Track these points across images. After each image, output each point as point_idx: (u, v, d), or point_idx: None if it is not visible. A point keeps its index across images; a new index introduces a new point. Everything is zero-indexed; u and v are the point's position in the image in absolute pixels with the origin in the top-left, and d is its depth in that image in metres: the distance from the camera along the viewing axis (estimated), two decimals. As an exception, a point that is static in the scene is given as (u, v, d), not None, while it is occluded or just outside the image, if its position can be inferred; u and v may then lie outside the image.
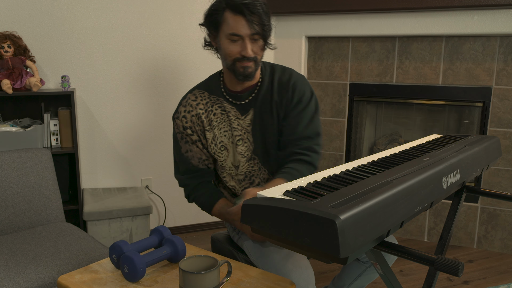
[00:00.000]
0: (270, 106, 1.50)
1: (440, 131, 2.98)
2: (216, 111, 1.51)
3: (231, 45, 1.39)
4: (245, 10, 1.33)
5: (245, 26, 1.35)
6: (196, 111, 1.51)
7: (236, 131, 1.50)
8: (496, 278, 2.41)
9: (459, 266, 0.80)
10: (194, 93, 1.55)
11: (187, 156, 1.54)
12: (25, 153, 2.04)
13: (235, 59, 1.40)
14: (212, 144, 1.52)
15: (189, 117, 1.52)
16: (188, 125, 1.52)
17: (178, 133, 1.55)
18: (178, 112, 1.54)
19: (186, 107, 1.53)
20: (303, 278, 1.37)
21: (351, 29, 2.81)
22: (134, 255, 1.19)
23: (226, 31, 1.38)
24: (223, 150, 1.52)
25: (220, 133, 1.51)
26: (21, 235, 1.88)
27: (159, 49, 2.74)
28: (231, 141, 1.52)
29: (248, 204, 0.87)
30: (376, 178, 0.95)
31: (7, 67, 2.26)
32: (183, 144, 1.54)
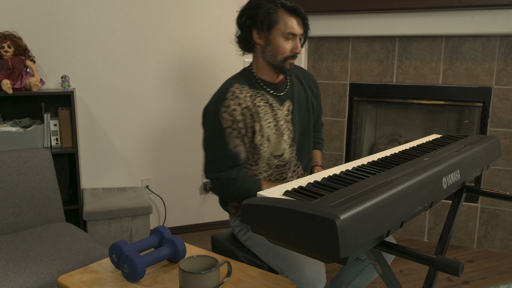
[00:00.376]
0: (306, 97, 1.69)
1: (440, 131, 2.98)
2: (259, 103, 1.55)
3: (285, 43, 1.51)
4: (299, 11, 1.51)
5: (299, 26, 1.52)
6: (245, 103, 1.52)
7: (280, 121, 1.58)
8: (496, 278, 2.41)
9: (459, 266, 0.80)
10: (235, 86, 1.54)
11: (236, 151, 1.51)
12: (25, 153, 2.04)
13: (287, 57, 1.52)
14: (259, 135, 1.55)
15: (240, 110, 1.50)
16: (239, 118, 1.50)
17: (227, 128, 1.49)
18: (226, 106, 1.49)
19: (234, 100, 1.50)
20: (315, 270, 1.40)
21: (351, 29, 2.81)
22: (134, 255, 1.19)
23: (283, 30, 1.50)
24: (267, 141, 1.57)
25: (265, 124, 1.55)
26: (21, 235, 1.88)
27: (159, 49, 2.74)
28: (274, 132, 1.57)
29: (248, 204, 0.87)
30: (376, 178, 0.95)
31: (7, 67, 2.26)
32: (232, 140, 1.51)
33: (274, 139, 1.57)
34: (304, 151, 1.68)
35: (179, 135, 2.89)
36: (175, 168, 2.91)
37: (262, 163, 1.60)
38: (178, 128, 2.88)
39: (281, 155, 1.59)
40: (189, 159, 2.94)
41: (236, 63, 2.96)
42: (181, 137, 2.90)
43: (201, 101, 2.91)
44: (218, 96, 1.53)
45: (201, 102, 2.91)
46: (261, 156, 1.57)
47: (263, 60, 1.56)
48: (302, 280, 1.38)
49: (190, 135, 2.92)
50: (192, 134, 2.92)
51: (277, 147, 1.58)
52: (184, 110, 2.87)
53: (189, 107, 2.88)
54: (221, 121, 1.49)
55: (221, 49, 2.90)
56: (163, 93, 2.80)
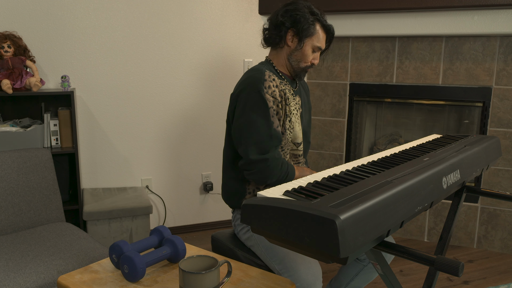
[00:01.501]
0: (307, 98, 1.82)
1: (440, 131, 2.98)
2: (286, 91, 1.62)
3: (312, 54, 1.64)
4: (331, 31, 1.65)
5: (324, 42, 1.66)
6: (280, 87, 1.59)
7: (299, 110, 1.68)
8: (496, 278, 2.41)
9: (459, 266, 0.80)
10: (267, 72, 1.58)
11: (279, 131, 1.55)
12: (25, 153, 2.04)
13: (308, 66, 1.65)
14: (287, 120, 1.61)
15: (278, 92, 1.57)
16: (279, 99, 1.56)
17: (271, 108, 1.52)
18: (267, 87, 1.53)
19: (272, 82, 1.56)
20: (312, 273, 1.40)
21: (351, 29, 2.81)
22: (134, 255, 1.19)
23: (315, 42, 1.62)
24: (292, 128, 1.63)
25: (291, 110, 1.63)
26: (21, 235, 1.88)
27: (159, 49, 2.74)
28: (296, 118, 1.65)
29: (248, 204, 0.87)
30: (376, 178, 0.96)
31: (7, 67, 2.26)
32: (275, 120, 1.54)
33: (297, 126, 1.65)
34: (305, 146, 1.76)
35: (179, 135, 2.89)
36: (175, 168, 2.92)
37: (287, 149, 1.65)
38: (178, 127, 2.88)
39: (300, 143, 1.67)
40: (189, 159, 2.94)
41: (236, 63, 2.96)
42: (181, 136, 2.90)
43: (201, 101, 2.91)
44: (254, 79, 1.54)
45: (200, 102, 2.91)
46: (288, 141, 1.63)
47: (287, 61, 1.66)
48: (298, 283, 1.38)
49: (191, 134, 2.92)
50: (192, 133, 2.92)
51: (298, 134, 1.65)
52: (184, 110, 2.87)
53: (189, 107, 2.88)
54: (266, 101, 1.51)
55: (221, 49, 2.90)
56: (163, 93, 2.80)
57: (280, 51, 1.66)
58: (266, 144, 1.50)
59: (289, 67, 1.67)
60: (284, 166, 1.54)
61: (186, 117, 2.89)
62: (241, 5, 2.90)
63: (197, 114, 2.91)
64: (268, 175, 1.50)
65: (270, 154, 1.50)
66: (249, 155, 1.49)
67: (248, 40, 2.96)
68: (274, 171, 1.50)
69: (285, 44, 1.63)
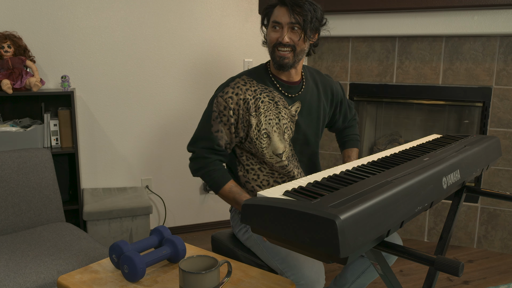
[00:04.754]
0: (318, 103, 1.69)
1: (440, 131, 2.98)
2: (264, 99, 1.58)
3: (272, 32, 1.54)
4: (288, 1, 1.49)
5: (285, 15, 1.50)
6: (244, 95, 1.56)
7: (283, 119, 1.60)
8: (496, 278, 2.41)
9: (459, 266, 0.80)
10: (243, 78, 1.60)
11: (216, 135, 1.56)
12: (25, 153, 2.04)
13: (274, 45, 1.53)
14: (256, 130, 1.58)
15: (236, 99, 1.55)
16: (232, 106, 1.55)
17: (215, 112, 1.56)
18: (224, 92, 1.56)
19: (234, 89, 1.56)
20: (315, 271, 1.40)
21: (351, 29, 2.81)
22: (134, 255, 1.19)
23: (270, 20, 1.55)
24: (266, 138, 1.59)
25: (265, 120, 1.58)
26: (21, 235, 1.88)
27: (159, 49, 2.74)
28: (275, 129, 1.59)
29: (248, 204, 0.87)
30: (376, 178, 0.95)
31: (7, 67, 2.26)
32: (216, 124, 1.56)
33: (275, 137, 1.59)
34: (305, 154, 1.69)
35: (179, 135, 2.89)
36: (175, 168, 2.91)
37: (264, 162, 1.62)
38: (178, 128, 2.88)
39: (281, 153, 1.61)
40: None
41: (236, 63, 2.96)
42: (181, 137, 2.90)
43: (201, 101, 2.91)
44: (224, 83, 1.61)
45: (200, 102, 2.91)
46: (261, 153, 1.59)
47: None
48: (302, 281, 1.38)
49: (190, 134, 2.92)
50: (192, 133, 2.92)
51: (278, 145, 1.60)
52: (184, 110, 2.87)
53: (189, 106, 2.88)
54: (213, 104, 1.57)
55: (221, 50, 2.90)
56: (163, 93, 2.80)
57: None
58: (199, 142, 1.59)
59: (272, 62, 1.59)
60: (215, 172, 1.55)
61: (186, 117, 2.89)
62: (241, 5, 2.90)
63: (197, 114, 2.91)
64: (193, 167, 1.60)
65: (199, 150, 1.58)
66: (187, 145, 1.62)
67: (248, 40, 2.96)
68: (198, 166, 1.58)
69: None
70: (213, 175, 1.55)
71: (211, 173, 1.56)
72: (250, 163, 1.64)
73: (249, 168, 1.64)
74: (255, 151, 1.60)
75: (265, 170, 1.64)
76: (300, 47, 1.54)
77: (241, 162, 1.65)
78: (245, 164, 1.64)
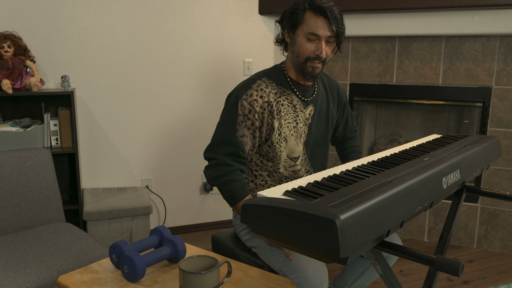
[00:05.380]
0: (327, 106, 1.69)
1: (440, 131, 2.98)
2: (283, 102, 1.55)
3: (307, 44, 1.49)
4: (327, 12, 1.45)
5: (324, 28, 1.46)
6: (268, 98, 1.52)
7: (300, 123, 1.59)
8: (496, 278, 2.41)
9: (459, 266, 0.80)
10: (263, 80, 1.55)
11: (242, 140, 1.49)
12: (25, 153, 2.04)
13: (308, 58, 1.50)
14: (277, 133, 1.55)
15: (261, 102, 1.51)
16: (258, 109, 1.50)
17: (240, 115, 1.50)
18: (249, 95, 1.50)
19: (258, 92, 1.51)
20: (319, 276, 1.39)
21: (351, 29, 2.81)
22: (134, 255, 1.19)
23: (305, 30, 1.48)
24: (283, 141, 1.57)
25: (285, 124, 1.55)
26: (21, 235, 1.88)
27: (159, 49, 2.74)
28: (292, 133, 1.57)
29: (249, 204, 0.87)
30: (376, 178, 0.95)
31: (7, 67, 2.26)
32: (241, 128, 1.50)
33: (292, 140, 1.58)
34: (317, 157, 1.69)
35: (179, 135, 2.89)
36: (175, 168, 2.91)
37: (279, 164, 1.59)
38: (178, 127, 2.88)
39: (297, 157, 1.60)
40: (189, 159, 2.94)
41: (236, 63, 2.96)
42: (181, 137, 2.90)
43: (201, 101, 2.91)
44: (244, 84, 1.55)
45: (201, 102, 2.91)
46: (278, 157, 1.57)
47: (291, 60, 1.58)
48: (305, 285, 1.38)
49: (190, 134, 2.92)
50: (192, 133, 2.92)
51: (295, 149, 1.59)
52: (184, 110, 2.87)
53: (189, 107, 2.88)
54: (238, 108, 1.50)
55: (221, 50, 2.90)
56: (163, 93, 2.80)
57: (288, 54, 1.61)
58: (222, 148, 1.50)
59: (295, 67, 1.57)
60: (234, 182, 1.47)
61: (186, 117, 2.89)
62: (241, 5, 2.90)
63: (197, 113, 2.91)
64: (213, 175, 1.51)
65: (221, 157, 1.49)
66: (205, 152, 1.55)
67: (248, 40, 2.96)
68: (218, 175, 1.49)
69: (287, 43, 1.59)
70: (233, 186, 1.47)
71: (231, 183, 1.47)
72: (259, 168, 1.62)
73: (257, 174, 1.63)
74: (273, 155, 1.57)
75: (274, 177, 1.62)
76: (329, 58, 1.55)
77: (250, 168, 1.63)
78: (253, 170, 1.63)
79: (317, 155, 1.68)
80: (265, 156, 1.59)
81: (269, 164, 1.60)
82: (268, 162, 1.60)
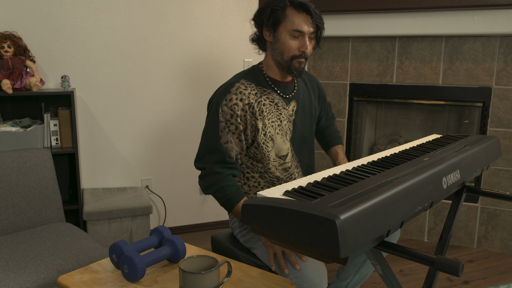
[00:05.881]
0: (310, 100, 1.70)
1: (440, 131, 2.98)
2: (265, 102, 1.54)
3: (291, 41, 1.48)
4: (310, 9, 1.47)
5: (307, 24, 1.48)
6: (248, 100, 1.51)
7: (284, 120, 1.58)
8: (496, 278, 2.41)
9: (459, 266, 0.80)
10: (242, 82, 1.53)
11: (226, 147, 1.49)
12: (25, 153, 2.04)
13: (294, 55, 1.50)
14: (262, 134, 1.54)
15: (241, 106, 1.49)
16: (239, 113, 1.49)
17: (222, 122, 1.49)
18: (228, 100, 1.49)
19: (237, 95, 1.50)
20: (318, 275, 1.39)
21: (351, 29, 2.81)
22: (134, 255, 1.19)
23: (288, 27, 1.47)
24: (270, 141, 1.56)
25: (268, 123, 1.54)
26: (21, 235, 1.88)
27: (159, 49, 2.74)
28: (277, 131, 1.56)
29: (248, 204, 0.87)
30: (376, 178, 0.95)
31: (7, 67, 2.26)
32: (224, 135, 1.49)
33: (279, 139, 1.57)
34: (304, 152, 1.69)
35: (179, 135, 2.89)
36: (175, 168, 2.91)
37: (270, 164, 1.59)
38: (178, 128, 2.88)
39: (286, 155, 1.59)
40: (189, 159, 2.94)
41: (236, 63, 2.96)
42: (181, 137, 2.90)
43: (201, 101, 2.91)
44: (223, 89, 1.53)
45: (201, 102, 2.91)
46: (266, 157, 1.57)
47: (272, 59, 1.57)
48: (305, 284, 1.38)
49: (190, 135, 2.92)
50: (192, 133, 2.92)
51: (282, 147, 1.58)
52: (184, 110, 2.87)
53: (189, 107, 2.88)
54: (219, 114, 1.49)
55: (221, 49, 2.90)
56: (163, 93, 2.80)
57: (267, 52, 1.59)
58: (208, 156, 1.50)
59: (279, 66, 1.56)
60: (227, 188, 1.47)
61: (186, 117, 2.89)
62: (241, 5, 2.90)
63: (197, 113, 2.91)
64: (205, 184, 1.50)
65: (209, 166, 1.49)
66: (195, 162, 1.54)
67: (248, 40, 2.96)
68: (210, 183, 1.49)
69: (267, 42, 1.56)
70: (226, 192, 1.47)
71: (224, 190, 1.47)
72: (251, 170, 1.61)
73: (249, 176, 1.62)
74: (261, 156, 1.56)
75: (266, 178, 1.62)
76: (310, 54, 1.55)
77: (242, 171, 1.63)
78: (245, 172, 1.63)
79: (304, 150, 1.68)
80: (254, 158, 1.58)
81: (259, 165, 1.59)
82: (258, 164, 1.59)
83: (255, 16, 1.57)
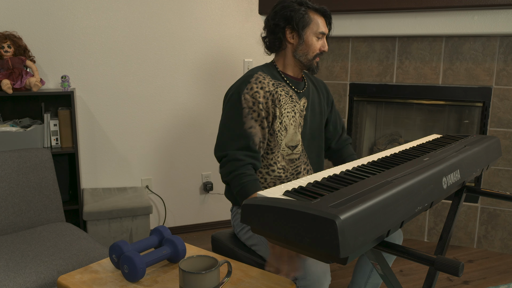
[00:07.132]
0: (319, 99, 1.78)
1: (440, 131, 2.98)
2: (281, 92, 1.62)
3: (317, 42, 1.64)
4: (326, 12, 1.66)
5: (325, 26, 1.66)
6: (269, 87, 1.59)
7: (297, 113, 1.66)
8: (496, 278, 2.41)
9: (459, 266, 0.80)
10: (259, 73, 1.62)
11: (251, 132, 1.53)
12: (25, 153, 2.04)
13: (316, 54, 1.66)
14: (278, 121, 1.61)
15: (263, 93, 1.57)
16: (261, 100, 1.56)
17: (246, 108, 1.54)
18: (249, 89, 1.56)
19: (257, 84, 1.58)
20: (320, 267, 1.41)
21: (351, 29, 2.81)
22: (134, 255, 1.19)
23: (315, 30, 1.63)
24: (284, 130, 1.62)
25: (285, 113, 1.62)
26: (21, 235, 1.88)
27: (159, 49, 2.74)
28: (291, 122, 1.64)
29: (248, 204, 0.87)
30: (376, 178, 0.95)
31: (7, 67, 2.26)
32: (248, 120, 1.53)
33: (291, 129, 1.63)
34: (313, 149, 1.74)
35: (180, 135, 2.89)
36: (175, 168, 2.92)
37: (278, 153, 1.63)
38: (179, 127, 2.88)
39: (295, 146, 1.65)
40: (189, 159, 2.94)
41: (236, 63, 2.96)
42: (181, 136, 2.90)
43: (201, 101, 2.91)
44: (242, 80, 1.60)
45: (201, 102, 2.91)
46: (279, 145, 1.62)
47: (293, 58, 1.66)
48: (308, 277, 1.38)
49: (190, 135, 2.92)
50: (192, 134, 2.92)
51: (293, 137, 1.64)
52: (184, 110, 2.87)
53: (189, 106, 2.88)
54: (242, 102, 1.55)
55: (221, 50, 2.90)
56: (163, 93, 2.80)
57: (284, 53, 1.67)
58: (232, 143, 1.52)
59: (298, 64, 1.67)
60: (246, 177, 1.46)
61: (186, 117, 2.89)
62: (241, 5, 2.90)
63: (197, 114, 2.91)
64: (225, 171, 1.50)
65: (232, 152, 1.50)
66: (215, 151, 1.57)
67: (248, 40, 2.96)
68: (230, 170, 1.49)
69: (288, 43, 1.65)
70: (243, 180, 1.45)
71: (241, 177, 1.46)
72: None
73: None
74: (274, 144, 1.61)
75: (273, 173, 1.63)
76: None
77: None
78: None
79: (313, 147, 1.73)
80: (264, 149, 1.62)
81: (269, 157, 1.63)
82: (267, 156, 1.62)
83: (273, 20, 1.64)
